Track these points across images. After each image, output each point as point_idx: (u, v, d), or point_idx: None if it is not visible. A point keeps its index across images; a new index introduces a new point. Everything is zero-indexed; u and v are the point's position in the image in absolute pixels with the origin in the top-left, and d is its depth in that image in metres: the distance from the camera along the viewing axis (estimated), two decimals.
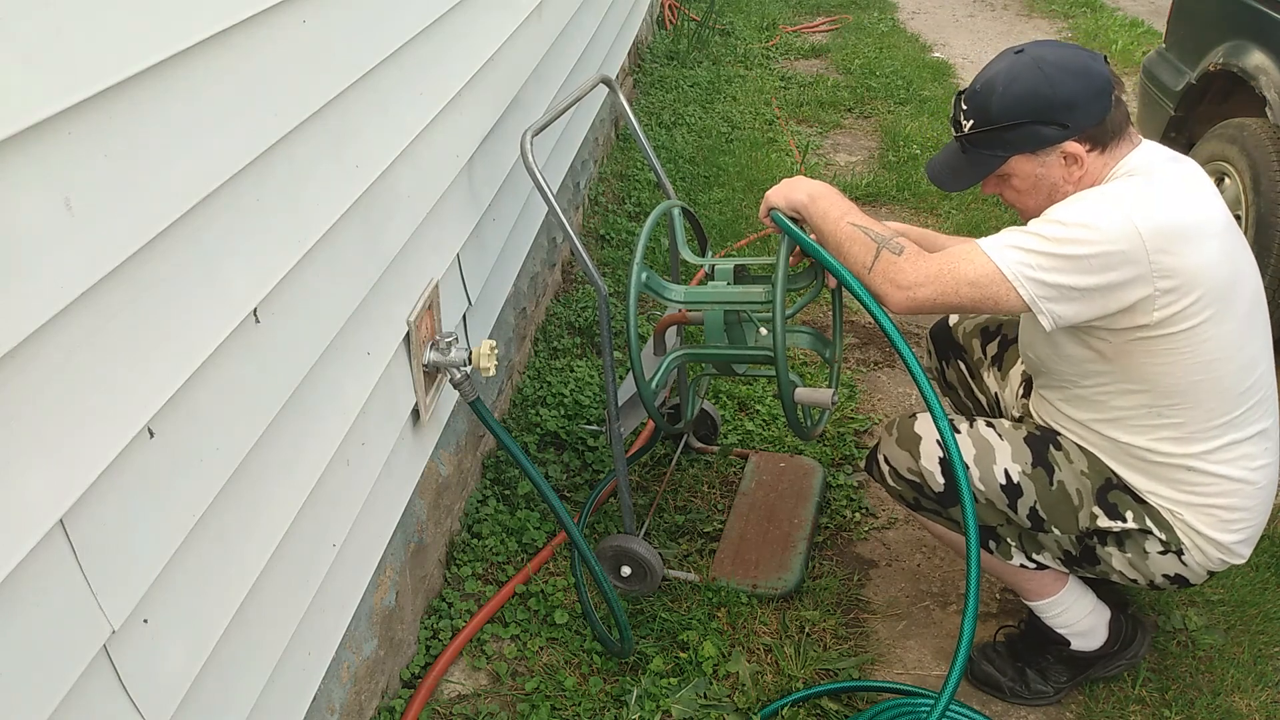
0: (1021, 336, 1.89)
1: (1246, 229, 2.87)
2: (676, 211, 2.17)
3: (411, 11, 1.81)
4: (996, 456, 1.77)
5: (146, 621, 1.13)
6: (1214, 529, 1.70)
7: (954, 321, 2.24)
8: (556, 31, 3.02)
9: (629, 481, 2.28)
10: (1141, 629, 2.01)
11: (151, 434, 1.11)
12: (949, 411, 1.82)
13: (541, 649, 2.12)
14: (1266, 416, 1.69)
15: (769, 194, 1.90)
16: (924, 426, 1.82)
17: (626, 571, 2.20)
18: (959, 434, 1.80)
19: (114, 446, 1.04)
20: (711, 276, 2.09)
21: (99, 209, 1.00)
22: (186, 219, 1.15)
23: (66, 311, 0.96)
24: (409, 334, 1.86)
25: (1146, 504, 1.73)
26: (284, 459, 1.44)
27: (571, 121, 3.33)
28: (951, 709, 1.88)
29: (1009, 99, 1.65)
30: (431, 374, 1.97)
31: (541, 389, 2.90)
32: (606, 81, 2.39)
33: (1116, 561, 1.77)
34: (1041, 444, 1.79)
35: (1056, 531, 1.77)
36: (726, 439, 2.73)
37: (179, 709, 1.19)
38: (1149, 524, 1.72)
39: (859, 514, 2.49)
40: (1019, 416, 2.04)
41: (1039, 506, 1.76)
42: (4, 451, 0.91)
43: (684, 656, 2.07)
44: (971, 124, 1.71)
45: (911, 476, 1.83)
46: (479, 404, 1.95)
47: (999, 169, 1.72)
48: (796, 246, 1.88)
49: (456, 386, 1.94)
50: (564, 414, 2.78)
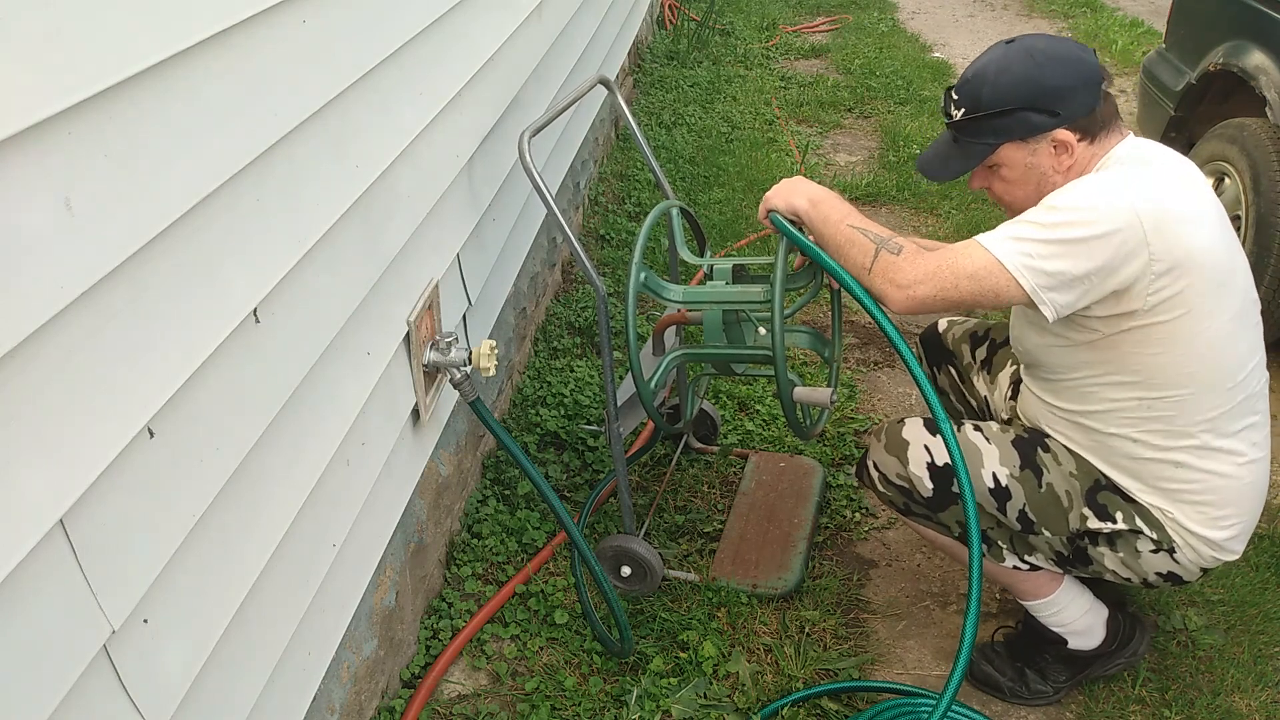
0: (1013, 330, 1.89)
1: (1246, 229, 2.86)
2: (675, 211, 2.17)
3: (411, 11, 1.81)
4: (985, 460, 1.77)
5: (146, 621, 1.13)
6: (1204, 526, 1.70)
7: (944, 328, 2.24)
8: (556, 31, 3.02)
9: (629, 481, 2.28)
10: (1140, 627, 2.01)
11: (151, 434, 1.11)
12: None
13: (541, 649, 2.12)
14: (1254, 412, 1.69)
15: (768, 196, 1.90)
16: (911, 432, 1.82)
17: (626, 571, 2.20)
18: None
19: (114, 446, 1.04)
20: (710, 276, 2.09)
21: (99, 209, 1.00)
22: (186, 219, 1.15)
23: (66, 311, 0.96)
24: (409, 334, 1.86)
25: (1136, 503, 1.73)
26: (284, 459, 1.44)
27: (572, 121, 3.33)
28: (952, 709, 1.88)
29: (1000, 86, 1.66)
30: (431, 374, 1.97)
31: (541, 389, 2.90)
32: (605, 82, 2.39)
33: (1109, 561, 1.77)
34: (1029, 446, 1.78)
35: (1047, 533, 1.77)
36: (726, 439, 2.73)
37: (179, 709, 1.19)
38: (1139, 523, 1.72)
39: (859, 514, 2.49)
40: (1007, 419, 2.04)
41: (1028, 509, 1.76)
42: (4, 451, 0.91)
43: (684, 656, 2.07)
44: (962, 112, 1.72)
45: (900, 482, 1.83)
46: (479, 404, 1.95)
47: (989, 158, 1.72)
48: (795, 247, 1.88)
49: (456, 386, 1.94)
50: (564, 414, 2.78)
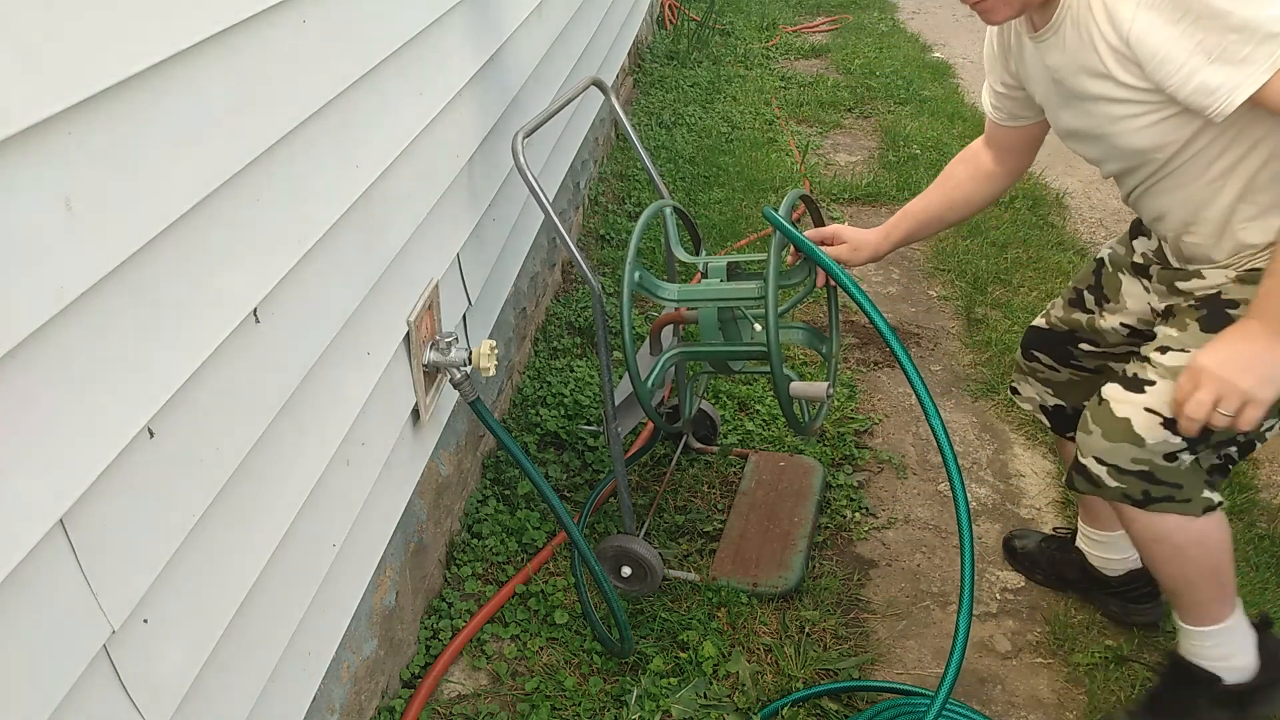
0: (1133, 173, 1.62)
1: None
2: (669, 211, 2.17)
3: (412, 11, 1.82)
4: (1163, 404, 1.53)
5: (146, 621, 1.13)
6: None
7: (1040, 322, 2.02)
8: (557, 31, 3.03)
9: (629, 481, 2.28)
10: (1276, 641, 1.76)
11: (151, 434, 1.11)
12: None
13: (541, 649, 2.12)
14: None
15: (1236, 381, 1.40)
16: (1123, 407, 1.58)
17: (627, 571, 2.20)
18: (1152, 386, 1.56)
19: (114, 446, 1.04)
20: (705, 275, 2.10)
21: (99, 209, 1.00)
22: (186, 219, 1.15)
23: (66, 312, 0.96)
24: (409, 334, 1.86)
25: None
26: (284, 459, 1.44)
27: (571, 121, 3.33)
28: (949, 708, 1.88)
29: None
30: (431, 374, 1.97)
31: (541, 389, 2.90)
32: (598, 84, 2.39)
33: None
34: (1216, 318, 1.53)
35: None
36: (726, 439, 2.73)
37: (179, 709, 1.19)
38: None
39: (859, 514, 2.49)
40: (1164, 308, 1.71)
41: None
42: (4, 451, 0.91)
43: (684, 656, 2.07)
44: None
45: (1138, 466, 1.57)
46: (479, 404, 1.95)
47: None
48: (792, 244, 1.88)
49: (456, 386, 1.94)
50: (564, 414, 2.78)
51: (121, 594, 1.08)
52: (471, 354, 1.94)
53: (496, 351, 1.94)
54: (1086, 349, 1.93)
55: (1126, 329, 1.84)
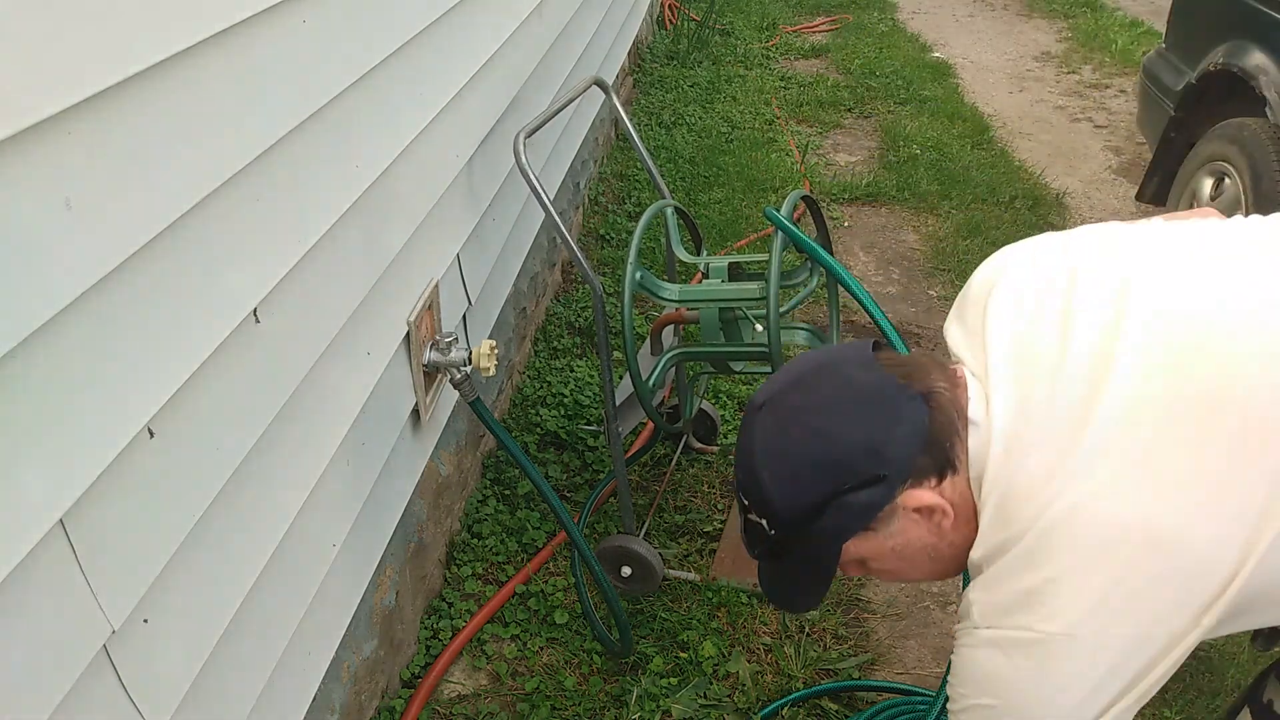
0: None
1: None
2: (669, 211, 2.17)
3: (412, 11, 1.82)
4: None
5: (146, 621, 1.13)
6: None
7: None
8: (557, 31, 3.02)
9: (629, 481, 2.28)
10: None
11: (151, 434, 1.11)
12: None
13: (541, 649, 2.12)
14: None
15: None
16: None
17: (627, 571, 2.20)
18: None
19: (114, 446, 1.04)
20: (706, 275, 2.10)
21: (99, 209, 1.00)
22: (186, 219, 1.15)
23: (66, 311, 0.96)
24: (409, 334, 1.86)
25: None
26: (284, 459, 1.44)
27: (571, 121, 3.33)
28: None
29: (787, 488, 1.11)
30: (431, 374, 1.97)
31: (541, 389, 2.90)
32: (600, 83, 2.39)
33: None
34: None
35: None
36: (726, 439, 2.73)
37: (179, 709, 1.19)
38: None
39: None
40: None
41: None
42: (4, 451, 0.91)
43: (684, 656, 2.07)
44: (772, 530, 1.15)
45: None
46: (479, 404, 1.95)
47: (843, 559, 1.17)
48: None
49: (456, 386, 1.94)
50: (564, 414, 2.78)
51: (121, 594, 1.08)
52: (471, 354, 1.94)
53: (496, 351, 1.94)
54: None
55: None
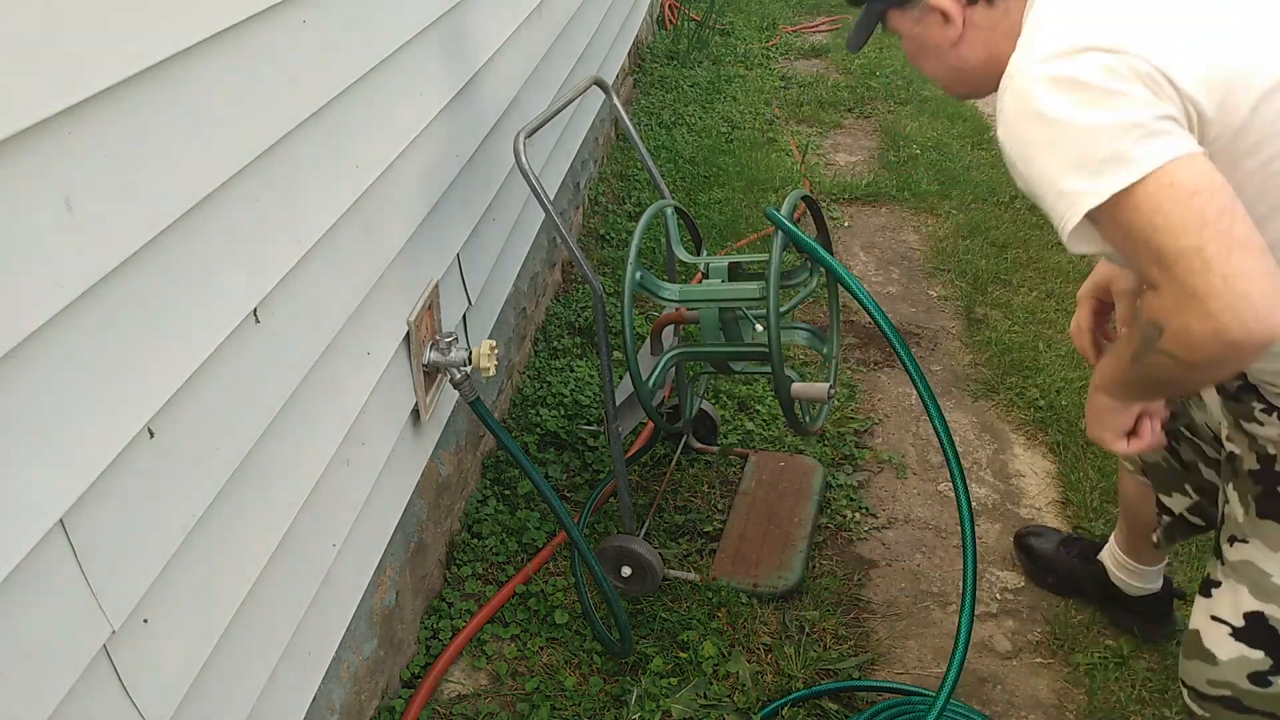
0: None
1: None
2: (669, 211, 2.17)
3: (412, 11, 1.82)
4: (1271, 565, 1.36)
5: (146, 621, 1.13)
6: None
7: None
8: (557, 31, 3.03)
9: (628, 481, 2.28)
10: None
11: (151, 434, 1.11)
12: (1192, 494, 1.64)
13: (541, 649, 2.12)
14: None
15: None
16: (1195, 616, 1.47)
17: (627, 571, 2.20)
18: (1218, 589, 1.43)
19: (114, 446, 1.05)
20: (706, 275, 2.10)
21: (99, 209, 1.00)
22: (186, 219, 1.15)
23: (66, 311, 0.96)
24: (409, 334, 1.86)
25: None
26: (284, 459, 1.44)
27: (571, 121, 3.33)
28: (950, 708, 1.88)
29: None
30: (431, 374, 1.97)
31: (541, 389, 2.90)
32: (600, 83, 2.39)
33: None
34: (1271, 501, 1.36)
35: None
36: (726, 439, 2.73)
37: (179, 709, 1.20)
38: None
39: (859, 514, 2.49)
40: (1227, 454, 1.47)
41: None
42: (4, 451, 0.91)
43: (684, 656, 2.07)
44: None
45: (1217, 691, 1.44)
46: (479, 404, 1.95)
47: (890, 24, 1.46)
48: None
49: (456, 386, 1.94)
50: (564, 414, 2.78)
51: (121, 594, 1.08)
52: (471, 354, 1.94)
53: (496, 351, 1.94)
54: (1186, 434, 1.68)
55: (1211, 433, 1.60)
